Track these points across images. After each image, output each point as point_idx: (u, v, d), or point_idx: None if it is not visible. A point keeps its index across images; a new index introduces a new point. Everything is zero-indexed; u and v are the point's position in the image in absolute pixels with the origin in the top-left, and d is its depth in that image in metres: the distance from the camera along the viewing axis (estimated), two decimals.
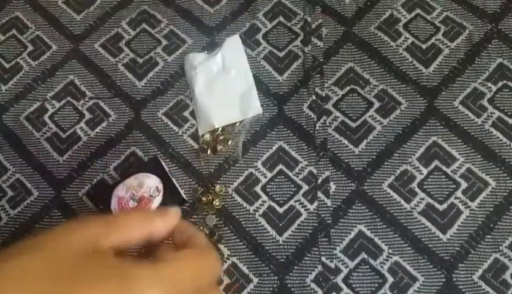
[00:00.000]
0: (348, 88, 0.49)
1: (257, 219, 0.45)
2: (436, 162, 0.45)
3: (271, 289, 0.42)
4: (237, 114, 0.48)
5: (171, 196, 0.44)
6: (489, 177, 0.44)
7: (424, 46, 0.49)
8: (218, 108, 0.48)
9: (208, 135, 0.47)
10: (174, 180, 0.44)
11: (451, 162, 0.45)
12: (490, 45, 0.49)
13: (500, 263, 0.42)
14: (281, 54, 0.50)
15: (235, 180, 0.46)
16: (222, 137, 0.47)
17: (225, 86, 0.49)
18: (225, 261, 0.44)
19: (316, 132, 0.47)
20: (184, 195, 0.44)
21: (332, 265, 0.43)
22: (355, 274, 0.43)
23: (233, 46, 0.50)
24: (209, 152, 0.47)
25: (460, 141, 0.46)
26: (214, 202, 0.45)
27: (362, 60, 0.49)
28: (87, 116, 0.49)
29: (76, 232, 0.29)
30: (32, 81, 0.51)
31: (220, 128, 0.47)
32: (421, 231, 0.43)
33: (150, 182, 0.43)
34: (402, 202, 0.44)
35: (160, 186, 0.43)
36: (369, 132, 0.47)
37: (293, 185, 0.45)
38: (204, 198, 0.45)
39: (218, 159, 0.47)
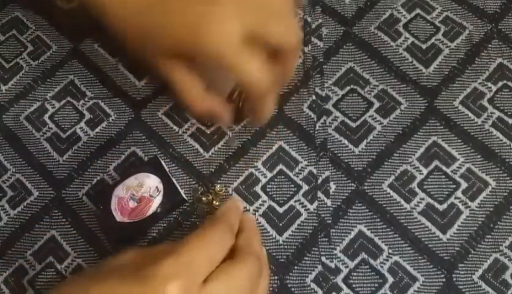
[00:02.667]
0: (348, 88, 0.49)
1: (257, 219, 0.45)
2: (436, 162, 0.45)
3: (271, 289, 0.42)
4: None
5: (171, 196, 0.44)
6: (489, 177, 0.44)
7: (424, 46, 0.49)
8: None
9: None
10: (174, 180, 0.44)
11: (451, 162, 0.45)
12: (490, 45, 0.49)
13: (500, 263, 0.42)
14: None
15: (235, 180, 0.46)
16: None
17: None
18: None
19: (316, 132, 0.47)
20: (184, 195, 0.44)
21: (332, 265, 0.43)
22: (355, 274, 0.43)
23: None
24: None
25: (460, 141, 0.46)
26: (214, 202, 0.45)
27: (362, 60, 0.49)
28: (87, 116, 0.49)
29: None
30: (32, 81, 0.51)
31: None
32: (421, 231, 0.43)
33: (150, 182, 0.43)
34: (402, 202, 0.44)
35: (160, 186, 0.43)
36: (369, 132, 0.47)
37: (293, 185, 0.45)
38: (204, 198, 0.45)
39: (218, 159, 0.47)
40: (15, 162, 0.48)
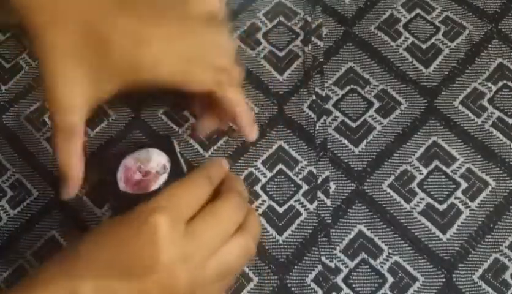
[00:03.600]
0: (348, 88, 0.49)
1: None
2: (436, 162, 0.45)
3: (271, 288, 0.42)
4: None
5: (177, 177, 0.42)
6: (489, 177, 0.44)
7: (424, 46, 0.49)
8: None
9: None
10: (182, 161, 0.44)
11: (451, 162, 0.45)
12: (490, 45, 0.49)
13: (500, 263, 0.42)
14: (281, 54, 0.50)
15: None
16: None
17: None
18: None
19: (316, 132, 0.47)
20: None
21: (332, 265, 0.43)
22: (355, 274, 0.43)
23: None
24: None
25: (460, 141, 0.46)
26: None
27: (362, 60, 0.49)
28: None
29: None
30: (32, 81, 0.51)
31: None
32: (421, 231, 0.43)
33: (159, 159, 0.43)
34: (402, 202, 0.44)
35: (168, 165, 0.43)
36: (369, 132, 0.47)
37: (292, 185, 0.45)
38: None
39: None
40: (15, 162, 0.48)
